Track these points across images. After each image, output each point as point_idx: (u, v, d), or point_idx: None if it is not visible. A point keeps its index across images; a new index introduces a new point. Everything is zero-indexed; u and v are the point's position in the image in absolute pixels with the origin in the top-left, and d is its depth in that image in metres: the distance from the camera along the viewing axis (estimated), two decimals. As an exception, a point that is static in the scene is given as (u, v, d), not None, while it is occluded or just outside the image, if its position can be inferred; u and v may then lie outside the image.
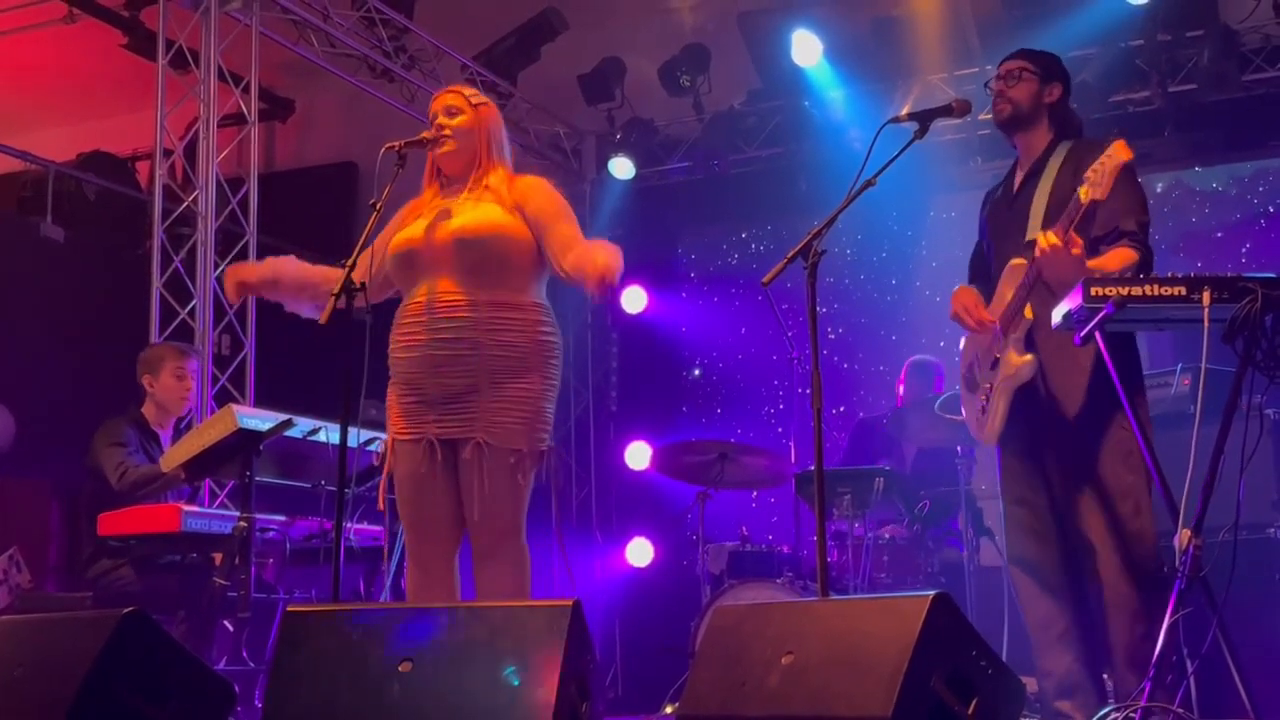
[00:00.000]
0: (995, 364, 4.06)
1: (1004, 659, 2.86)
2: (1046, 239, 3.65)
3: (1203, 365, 3.21)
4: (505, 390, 3.71)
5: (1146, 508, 3.81)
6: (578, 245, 3.76)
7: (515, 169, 4.01)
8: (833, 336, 8.53)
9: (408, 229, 3.87)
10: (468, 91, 4.01)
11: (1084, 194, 3.56)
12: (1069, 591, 3.97)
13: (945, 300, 4.27)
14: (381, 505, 3.94)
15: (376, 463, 3.90)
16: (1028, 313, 3.91)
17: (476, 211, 3.79)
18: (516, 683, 2.78)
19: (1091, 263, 3.68)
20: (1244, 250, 7.64)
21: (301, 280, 4.01)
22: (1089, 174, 3.56)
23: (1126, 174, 3.62)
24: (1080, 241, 3.63)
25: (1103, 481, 3.83)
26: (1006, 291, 4.01)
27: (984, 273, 4.29)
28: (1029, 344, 3.96)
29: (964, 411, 4.37)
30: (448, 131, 3.89)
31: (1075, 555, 3.94)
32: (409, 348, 3.76)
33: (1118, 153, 3.50)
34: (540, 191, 3.89)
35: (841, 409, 8.40)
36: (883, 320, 8.48)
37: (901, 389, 6.84)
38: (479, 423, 3.69)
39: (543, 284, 3.89)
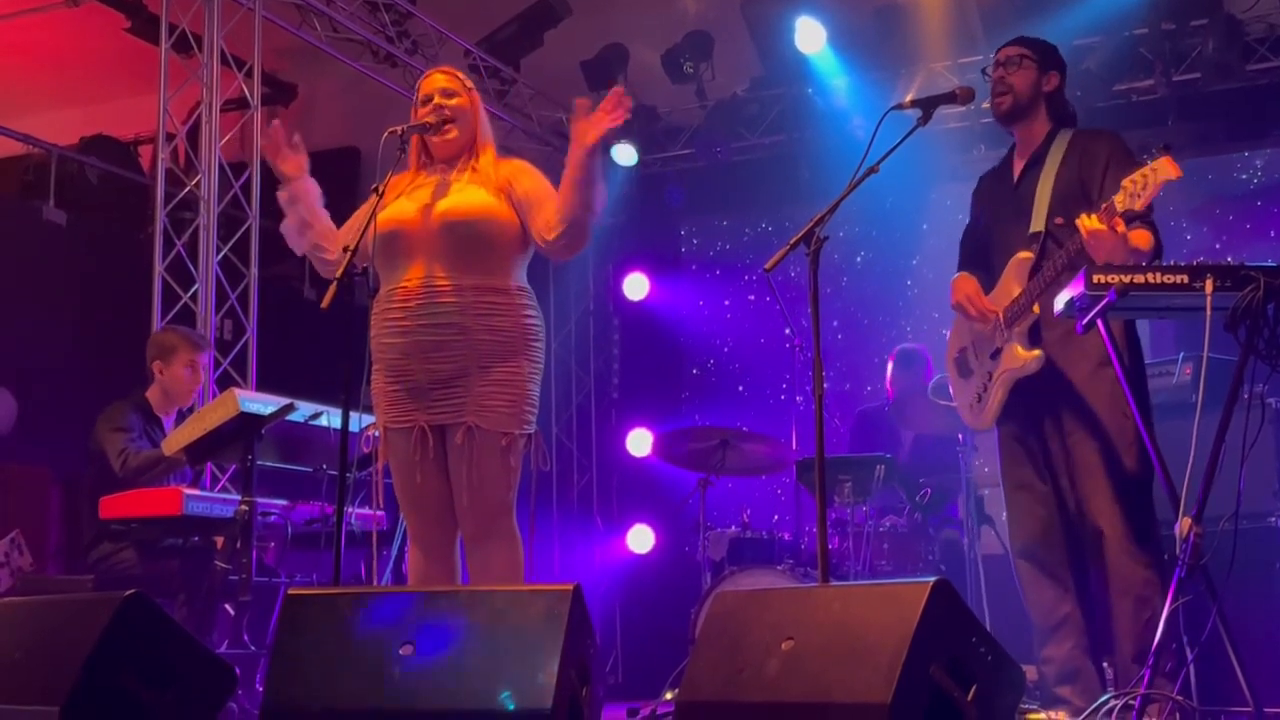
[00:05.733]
0: (996, 354, 4.06)
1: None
2: (1087, 224, 3.61)
3: (1204, 354, 3.22)
4: (493, 374, 3.70)
5: (1149, 493, 3.82)
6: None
7: (518, 155, 4.01)
8: (835, 322, 8.52)
9: (393, 208, 3.79)
10: (458, 73, 4.00)
11: (1120, 202, 3.51)
12: (1072, 578, 3.97)
13: (948, 285, 4.26)
14: (378, 495, 3.94)
15: (367, 450, 3.88)
16: (1034, 309, 3.92)
17: (464, 194, 3.78)
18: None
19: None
20: (1273, 234, 7.62)
21: (313, 214, 3.90)
22: (1127, 183, 3.49)
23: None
24: (1122, 222, 3.60)
25: (1108, 468, 3.84)
26: (1013, 285, 4.00)
27: (979, 257, 4.26)
28: (1034, 337, 3.96)
29: (954, 397, 4.36)
30: (449, 115, 3.87)
31: (1079, 542, 3.95)
32: (396, 334, 3.72)
33: (1164, 169, 3.41)
34: (529, 173, 3.89)
35: (847, 386, 8.41)
36: (886, 305, 8.47)
37: (890, 378, 6.83)
38: (469, 407, 3.69)
39: (524, 268, 3.88)
